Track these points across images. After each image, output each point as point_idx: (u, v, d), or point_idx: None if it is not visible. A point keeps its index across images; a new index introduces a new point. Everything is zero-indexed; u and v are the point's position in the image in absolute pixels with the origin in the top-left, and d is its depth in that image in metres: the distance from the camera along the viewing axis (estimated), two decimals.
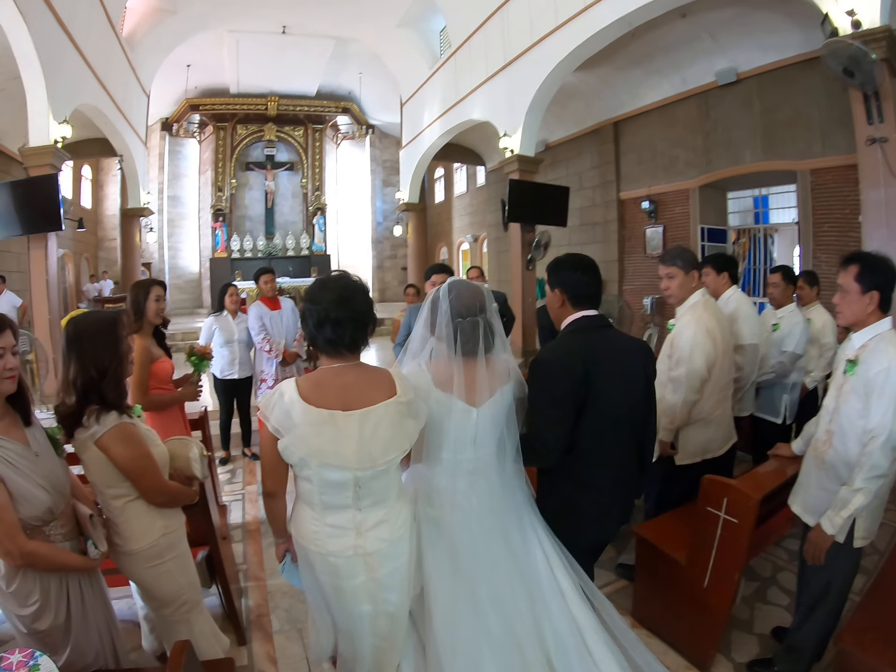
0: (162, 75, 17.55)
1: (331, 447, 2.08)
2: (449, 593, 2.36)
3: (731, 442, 3.87)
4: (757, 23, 8.94)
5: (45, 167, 9.24)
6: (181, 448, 2.74)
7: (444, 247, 26.02)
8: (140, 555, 2.47)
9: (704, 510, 3.08)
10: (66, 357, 2.36)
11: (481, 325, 2.38)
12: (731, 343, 3.79)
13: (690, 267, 3.61)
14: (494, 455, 2.50)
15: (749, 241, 11.21)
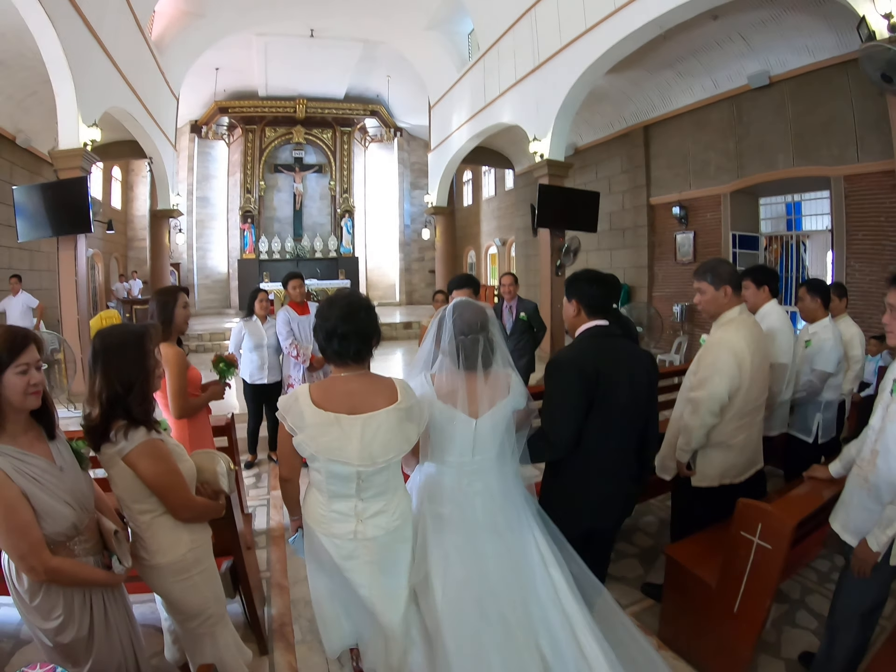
0: (191, 78, 17.72)
1: (336, 445, 2.39)
2: (451, 583, 2.56)
3: (754, 468, 3.69)
4: (790, 25, 8.76)
5: (75, 170, 9.31)
6: (208, 461, 2.73)
7: (471, 250, 25.98)
8: (166, 569, 2.45)
9: (738, 534, 2.99)
10: (91, 370, 2.34)
11: (481, 343, 2.62)
12: (764, 365, 3.60)
13: (721, 282, 3.43)
14: (495, 460, 2.71)
15: (781, 248, 11.01)
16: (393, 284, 24.79)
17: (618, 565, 4.36)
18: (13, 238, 9.58)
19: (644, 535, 4.88)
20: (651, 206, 13.00)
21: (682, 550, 3.47)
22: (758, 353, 3.43)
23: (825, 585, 4.01)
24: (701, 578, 3.22)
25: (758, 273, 4.45)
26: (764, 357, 3.54)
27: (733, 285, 3.47)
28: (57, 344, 8.08)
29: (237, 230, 22.74)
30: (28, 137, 12.68)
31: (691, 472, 3.58)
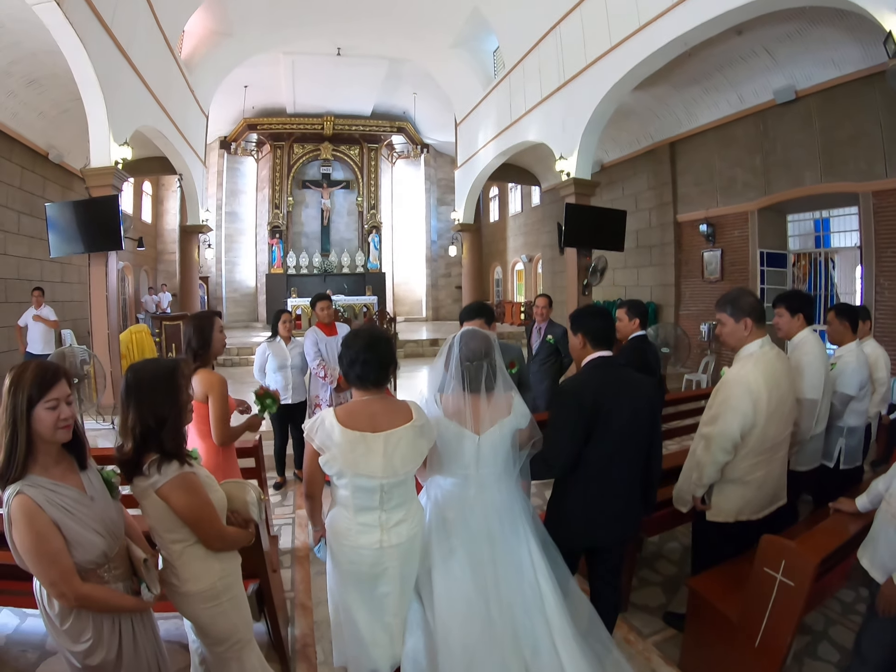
0: (220, 96, 17.99)
1: (363, 461, 2.65)
2: (449, 580, 2.80)
3: (775, 504, 3.56)
4: (815, 38, 8.71)
5: (106, 188, 9.44)
6: (238, 491, 2.77)
7: (498, 266, 25.98)
8: (197, 596, 2.48)
9: (761, 570, 2.94)
10: (124, 404, 2.37)
11: (485, 368, 2.88)
12: (787, 400, 3.45)
13: (742, 314, 3.35)
14: (498, 473, 2.94)
15: (809, 266, 10.87)
16: (419, 300, 24.90)
17: (640, 593, 4.31)
18: (45, 251, 9.72)
19: (668, 563, 4.81)
20: (678, 224, 12.93)
21: (705, 583, 3.42)
22: (778, 389, 3.30)
23: (849, 617, 3.92)
24: (723, 612, 3.17)
25: (792, 300, 4.22)
26: (786, 392, 3.41)
27: (755, 317, 3.36)
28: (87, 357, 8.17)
29: (265, 245, 23.01)
30: (60, 153, 12.93)
31: (706, 507, 3.51)
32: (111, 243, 9.27)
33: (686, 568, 4.53)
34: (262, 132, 22.52)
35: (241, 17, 14.09)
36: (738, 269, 11.36)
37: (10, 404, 2.08)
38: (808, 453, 4.14)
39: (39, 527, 2.07)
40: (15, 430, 2.09)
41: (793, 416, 3.58)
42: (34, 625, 3.92)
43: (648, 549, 4.94)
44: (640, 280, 14.35)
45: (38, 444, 2.14)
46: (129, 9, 9.85)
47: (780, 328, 4.14)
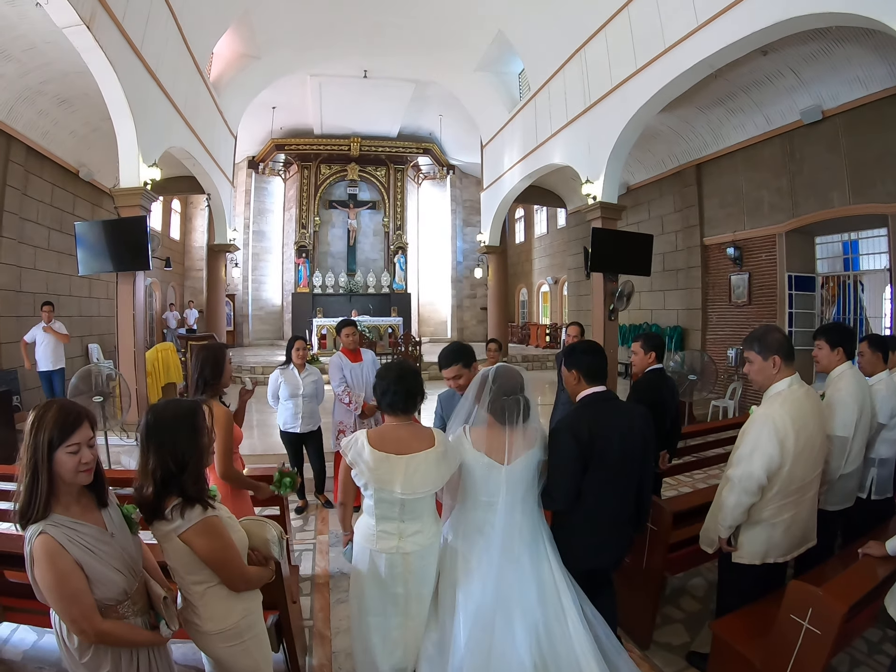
0: (248, 117, 18.24)
1: (386, 478, 2.95)
2: (471, 594, 3.00)
3: (804, 546, 3.44)
4: (840, 57, 8.61)
5: (135, 208, 9.56)
6: (258, 529, 2.79)
7: (523, 288, 25.98)
8: (219, 635, 2.48)
9: (787, 617, 2.84)
10: (144, 446, 2.37)
11: (521, 402, 3.06)
12: (816, 439, 3.34)
13: (770, 352, 3.26)
14: (525, 500, 3.13)
15: (837, 288, 10.69)
16: (444, 321, 24.94)
17: (663, 631, 4.21)
18: (74, 267, 9.84)
19: (692, 600, 4.69)
20: (705, 246, 12.79)
21: (728, 626, 3.32)
22: (806, 429, 3.21)
23: (875, 657, 3.79)
24: (747, 657, 3.07)
25: (833, 333, 4.14)
26: (815, 432, 3.30)
27: (783, 355, 3.27)
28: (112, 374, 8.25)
29: (292, 264, 23.22)
30: (90, 171, 13.10)
31: (732, 549, 3.41)
32: (139, 263, 9.36)
33: (710, 605, 4.44)
34: (290, 152, 22.80)
35: (269, 40, 14.27)
36: (765, 293, 11.21)
37: (31, 445, 2.10)
38: (839, 493, 3.97)
39: (62, 566, 2.09)
40: (36, 471, 2.10)
41: (822, 455, 3.46)
42: (51, 642, 3.91)
43: (673, 584, 4.82)
44: (666, 304, 14.24)
45: (60, 484, 2.16)
46: (159, 31, 10.00)
47: (819, 361, 4.07)
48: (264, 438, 8.96)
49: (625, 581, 4.12)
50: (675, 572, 4.49)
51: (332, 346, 18.00)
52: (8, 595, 3.80)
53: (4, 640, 4.05)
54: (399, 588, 3.05)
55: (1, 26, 8.36)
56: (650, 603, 4.05)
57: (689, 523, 4.20)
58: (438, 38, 14.76)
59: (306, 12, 13.42)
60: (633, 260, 11.18)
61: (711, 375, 8.98)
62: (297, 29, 14.19)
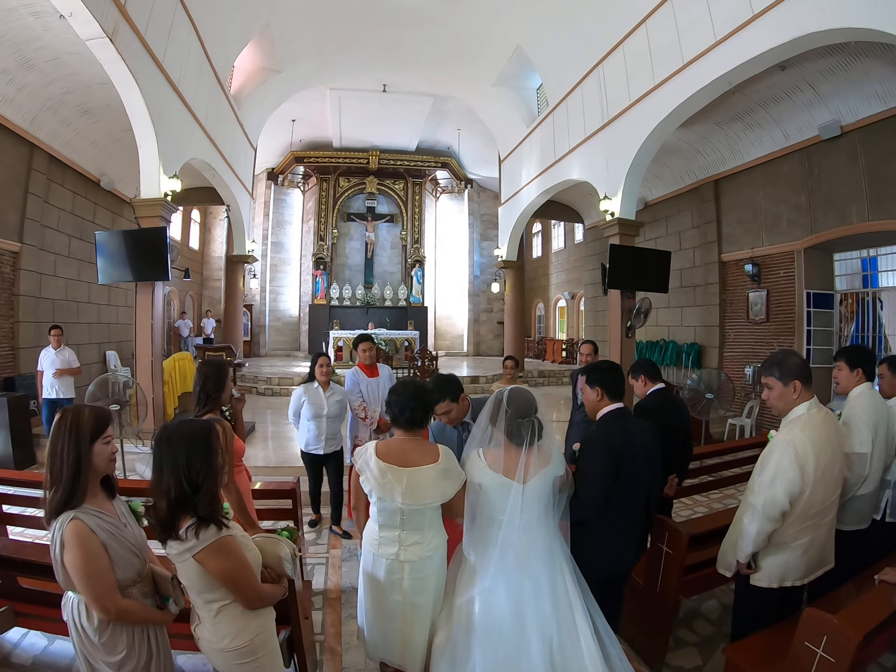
0: (268, 129, 18.41)
1: (388, 488, 3.13)
2: (490, 616, 3.02)
3: (821, 570, 3.39)
4: (858, 72, 8.57)
5: (155, 219, 9.68)
6: (271, 546, 2.80)
7: (540, 302, 25.95)
8: (234, 653, 2.49)
9: (801, 644, 2.79)
10: (157, 466, 2.40)
11: (535, 424, 3.15)
12: (834, 462, 3.28)
13: (790, 377, 3.22)
14: (541, 517, 3.18)
15: (856, 305, 10.57)
16: (461, 335, 24.94)
17: (676, 654, 4.15)
18: (93, 274, 9.95)
19: (705, 623, 4.62)
20: (722, 263, 12.72)
21: (742, 651, 3.26)
22: (826, 453, 3.17)
23: None
24: None
25: (853, 354, 4.12)
26: (834, 455, 3.26)
27: (803, 379, 3.23)
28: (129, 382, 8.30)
29: (309, 275, 23.34)
30: (111, 181, 13.27)
31: (752, 571, 3.36)
32: (158, 273, 9.45)
33: (724, 628, 4.38)
34: (309, 165, 22.92)
35: (290, 54, 14.39)
36: (783, 310, 11.12)
37: (72, 441, 2.39)
38: (854, 513, 3.90)
39: (91, 548, 2.35)
40: (79, 462, 2.38)
41: (841, 478, 3.41)
42: (62, 647, 4.00)
43: (686, 606, 4.75)
44: (683, 320, 14.16)
45: (90, 476, 2.44)
46: (181, 44, 10.13)
47: (839, 382, 4.03)
48: (279, 451, 8.98)
49: (639, 603, 4.10)
50: (690, 595, 4.42)
51: (349, 358, 18.05)
52: (20, 600, 3.84)
53: (15, 644, 4.08)
54: (397, 595, 3.21)
55: (25, 37, 8.49)
56: (663, 625, 4.00)
57: (705, 546, 4.15)
58: (457, 53, 14.82)
59: (327, 27, 13.53)
60: (650, 276, 11.14)
61: (728, 394, 8.90)
62: (317, 43, 14.32)
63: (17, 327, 10.20)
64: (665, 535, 4.02)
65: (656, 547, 4.07)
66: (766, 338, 11.50)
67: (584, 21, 11.40)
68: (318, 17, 13.07)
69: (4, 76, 8.92)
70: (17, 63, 8.89)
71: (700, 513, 6.98)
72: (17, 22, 8.16)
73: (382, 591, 3.23)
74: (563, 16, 11.72)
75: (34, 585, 3.85)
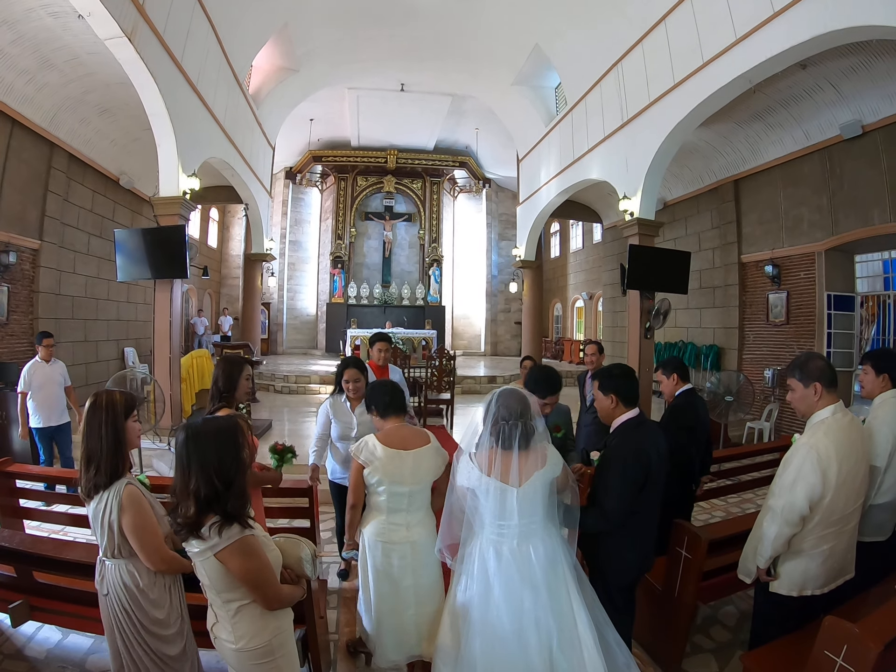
0: (286, 128, 18.54)
1: (398, 472, 3.42)
2: (488, 625, 2.96)
3: (842, 579, 3.32)
4: (880, 71, 8.43)
5: (174, 217, 9.73)
6: (292, 548, 2.80)
7: (558, 303, 25.84)
8: (252, 653, 2.48)
9: (821, 653, 2.73)
10: (184, 467, 2.38)
11: (520, 427, 3.03)
12: (859, 469, 3.22)
13: (810, 379, 3.18)
14: (542, 522, 3.10)
15: (877, 307, 10.43)
16: (478, 335, 24.94)
17: (692, 660, 4.11)
18: (112, 272, 10.04)
19: (722, 629, 4.56)
20: (742, 264, 12.58)
21: (760, 659, 3.21)
22: (849, 459, 3.11)
23: None
24: None
25: (880, 358, 3.97)
26: (858, 461, 3.20)
27: (825, 382, 3.18)
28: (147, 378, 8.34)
29: (327, 274, 23.42)
30: (130, 179, 13.34)
31: (772, 578, 3.31)
32: (177, 271, 9.48)
33: (741, 635, 4.34)
34: (327, 164, 23.00)
35: (308, 54, 14.46)
36: (804, 313, 10.98)
37: (110, 419, 2.73)
38: (871, 523, 3.76)
39: (147, 507, 2.74)
40: (118, 438, 2.73)
41: (865, 486, 3.34)
42: (76, 642, 4.06)
43: (703, 612, 4.69)
44: (702, 322, 14.04)
45: (126, 450, 2.79)
46: (200, 44, 10.19)
47: (864, 386, 3.93)
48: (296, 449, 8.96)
49: (656, 607, 4.07)
50: (708, 601, 4.38)
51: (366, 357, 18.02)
52: (35, 594, 3.87)
53: (29, 637, 4.12)
54: (409, 580, 3.43)
55: (44, 37, 8.53)
56: (681, 631, 3.95)
57: (724, 551, 4.11)
58: (475, 52, 14.84)
59: (345, 26, 13.59)
60: (669, 277, 11.01)
61: (748, 397, 8.82)
62: (335, 43, 14.38)
63: (36, 324, 10.23)
64: (685, 539, 3.97)
65: (675, 552, 4.03)
66: (785, 340, 11.37)
67: (602, 19, 11.36)
68: (336, 17, 13.13)
69: (24, 76, 8.97)
70: (37, 63, 8.93)
71: (718, 517, 6.91)
72: (37, 22, 8.21)
73: (395, 581, 3.42)
74: (582, 14, 11.69)
75: (49, 580, 3.88)
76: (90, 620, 3.63)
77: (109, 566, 2.76)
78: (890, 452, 3.61)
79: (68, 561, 3.63)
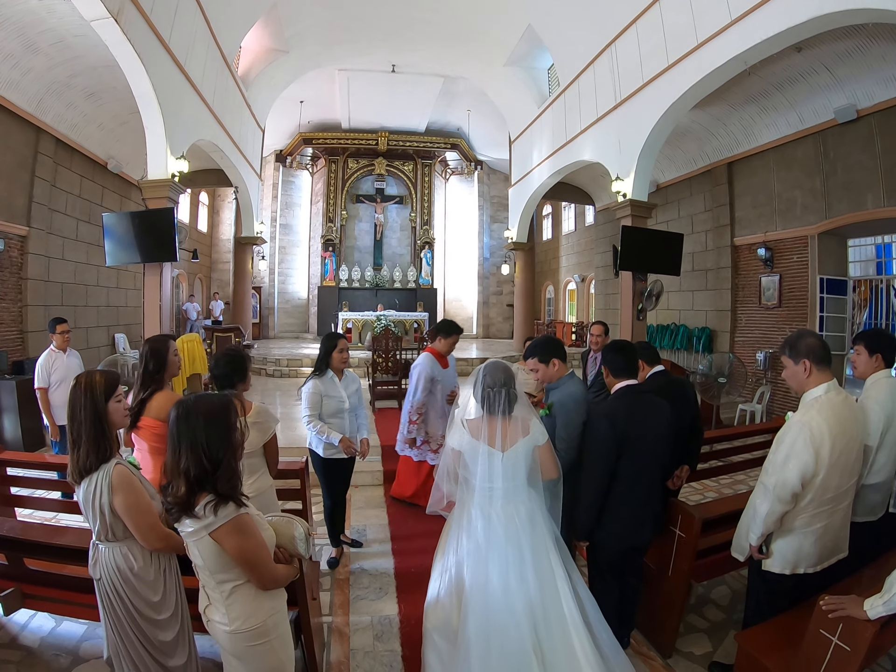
0: (276, 110, 18.38)
1: None
2: (478, 576, 3.16)
3: (835, 557, 3.34)
4: (876, 55, 8.41)
5: (163, 200, 9.61)
6: (285, 527, 2.80)
7: (550, 285, 25.82)
8: (246, 634, 2.47)
9: (816, 632, 2.76)
10: (175, 444, 2.36)
11: (503, 395, 3.32)
12: (852, 448, 3.22)
13: (799, 356, 3.19)
14: (524, 486, 3.36)
15: (869, 292, 10.46)
16: (470, 317, 24.89)
17: (686, 640, 4.12)
18: (102, 258, 9.96)
19: (716, 609, 4.59)
20: (735, 247, 12.62)
21: (754, 638, 3.24)
22: (843, 437, 3.11)
23: None
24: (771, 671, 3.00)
25: (872, 339, 3.95)
26: (852, 440, 3.20)
27: (814, 359, 3.17)
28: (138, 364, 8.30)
29: (318, 257, 23.32)
30: (118, 163, 13.25)
31: (764, 556, 3.32)
32: (166, 255, 9.40)
33: (734, 614, 4.37)
34: (318, 146, 22.83)
35: (297, 35, 14.31)
36: (796, 296, 11.02)
37: (90, 403, 2.68)
38: (864, 503, 3.75)
39: (138, 486, 2.73)
40: (99, 420, 2.68)
41: (859, 465, 3.35)
42: (69, 629, 4.07)
43: (696, 592, 4.72)
44: (695, 304, 14.08)
45: (110, 431, 2.73)
46: (187, 25, 10.05)
47: (857, 367, 3.93)
48: (287, 432, 8.94)
49: (650, 587, 4.07)
50: (701, 580, 4.39)
51: (357, 339, 18.09)
52: (27, 582, 3.86)
53: (22, 626, 4.11)
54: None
55: (29, 20, 8.42)
56: (675, 611, 3.97)
57: (718, 530, 4.13)
58: (467, 32, 14.70)
59: (335, 7, 13.45)
60: (662, 259, 10.97)
61: (740, 378, 8.85)
62: (325, 23, 14.24)
63: (25, 311, 10.21)
64: (678, 518, 3.98)
65: (669, 531, 4.03)
66: (778, 323, 11.41)
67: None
68: None
69: (9, 60, 8.85)
70: (22, 46, 8.81)
71: (710, 498, 6.96)
72: (21, 5, 8.10)
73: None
74: None
75: (41, 567, 3.87)
76: (83, 607, 3.63)
77: (103, 550, 2.75)
78: (882, 432, 3.61)
79: (60, 546, 3.62)
